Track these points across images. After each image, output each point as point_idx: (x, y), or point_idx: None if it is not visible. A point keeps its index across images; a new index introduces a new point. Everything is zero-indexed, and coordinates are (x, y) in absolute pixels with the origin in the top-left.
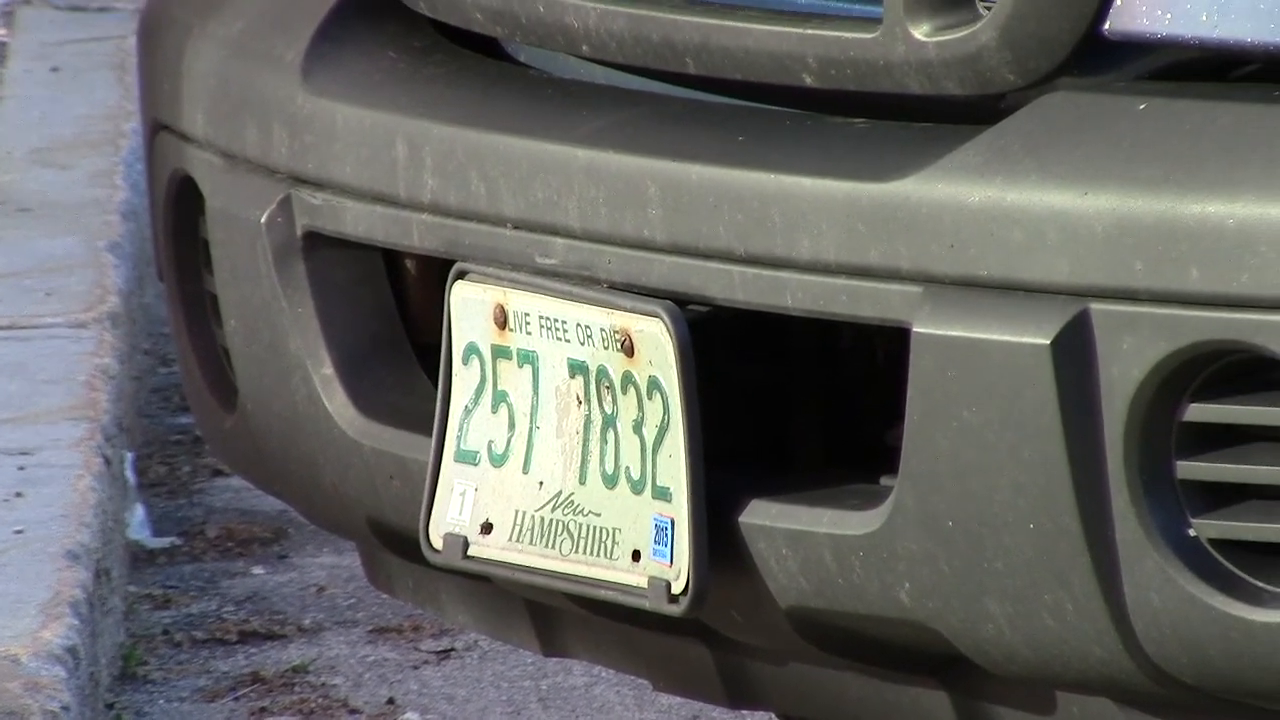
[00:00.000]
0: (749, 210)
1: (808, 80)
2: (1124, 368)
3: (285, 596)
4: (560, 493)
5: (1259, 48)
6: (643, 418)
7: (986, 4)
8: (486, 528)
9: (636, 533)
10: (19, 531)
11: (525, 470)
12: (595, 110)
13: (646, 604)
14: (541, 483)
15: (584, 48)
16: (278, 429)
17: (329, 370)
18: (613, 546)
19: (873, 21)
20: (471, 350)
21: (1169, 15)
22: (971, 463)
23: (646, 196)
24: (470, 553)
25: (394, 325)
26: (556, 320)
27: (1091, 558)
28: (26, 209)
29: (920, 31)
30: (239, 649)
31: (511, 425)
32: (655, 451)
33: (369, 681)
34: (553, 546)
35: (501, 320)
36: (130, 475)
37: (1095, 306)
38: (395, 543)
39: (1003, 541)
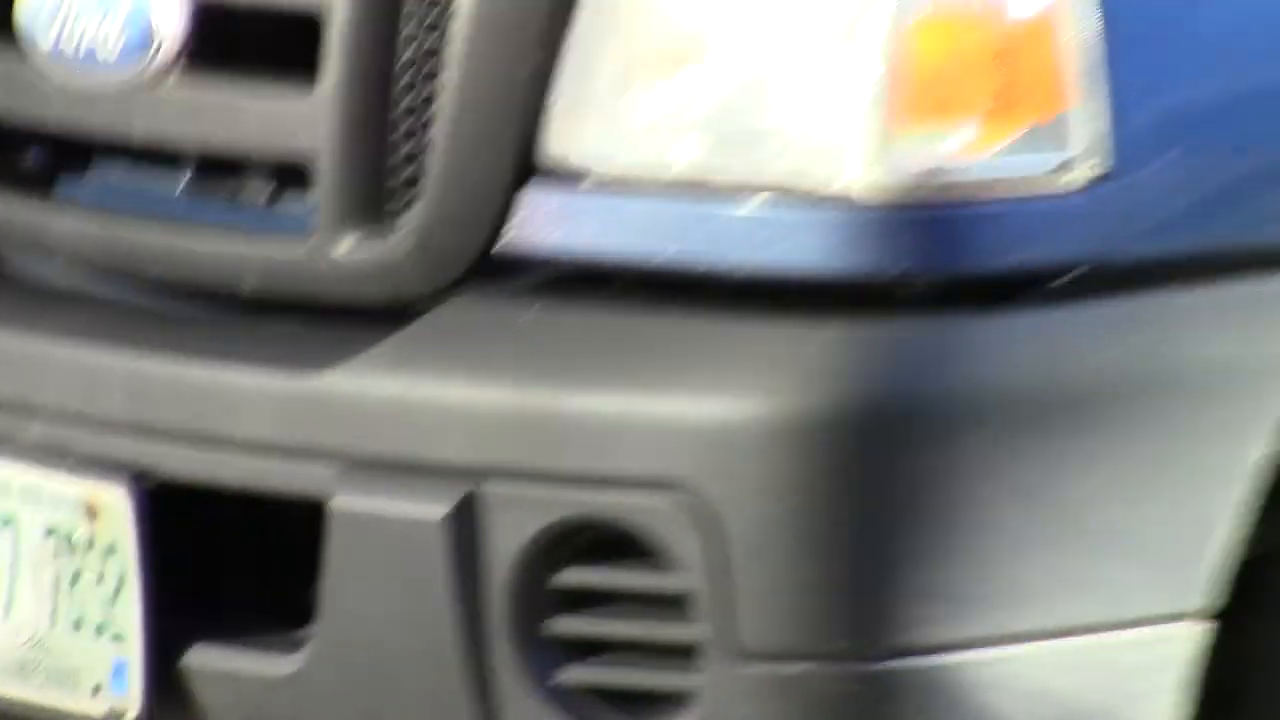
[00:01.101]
0: (196, 397)
1: (251, 284)
2: (505, 539)
3: None
4: (35, 635)
5: (631, 260)
6: (104, 574)
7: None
8: None
9: (99, 670)
10: None
11: (7, 617)
12: (70, 309)
13: None
14: (20, 627)
15: (63, 254)
16: None
17: None
18: (78, 681)
19: (305, 236)
20: None
21: (554, 234)
22: (375, 619)
23: (111, 384)
24: None
25: None
26: (34, 488)
27: (474, 707)
28: None
29: (342, 247)
30: None
31: None
32: (114, 602)
33: None
34: (28, 681)
35: None
36: None
37: (485, 486)
38: None
39: (401, 688)
